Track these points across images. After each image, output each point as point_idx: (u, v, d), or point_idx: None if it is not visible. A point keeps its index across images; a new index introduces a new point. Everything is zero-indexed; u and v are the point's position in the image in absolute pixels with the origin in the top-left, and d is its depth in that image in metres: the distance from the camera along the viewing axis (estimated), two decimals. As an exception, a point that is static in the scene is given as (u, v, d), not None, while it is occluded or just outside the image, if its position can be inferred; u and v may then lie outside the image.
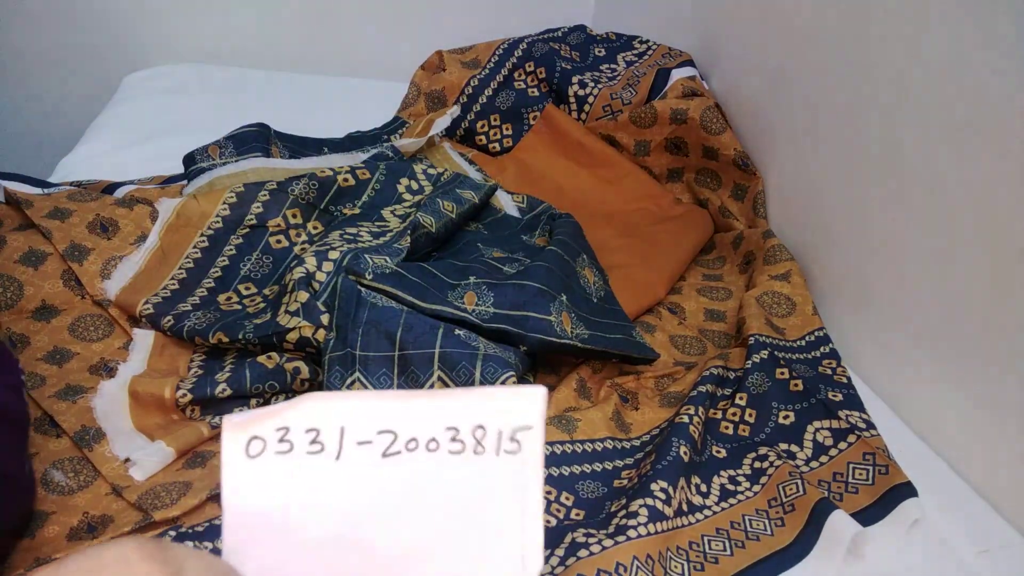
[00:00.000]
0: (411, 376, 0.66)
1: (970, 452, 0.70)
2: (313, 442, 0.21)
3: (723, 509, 0.64)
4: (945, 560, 0.61)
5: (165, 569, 0.16)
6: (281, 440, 0.21)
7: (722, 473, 0.68)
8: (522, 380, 0.69)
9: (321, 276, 0.73)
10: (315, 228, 0.86)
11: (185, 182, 0.93)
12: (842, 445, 0.69)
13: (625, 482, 0.66)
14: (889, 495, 0.64)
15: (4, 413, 0.55)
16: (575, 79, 1.16)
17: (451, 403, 0.22)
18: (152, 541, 0.17)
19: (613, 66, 1.21)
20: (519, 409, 0.23)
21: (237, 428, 0.21)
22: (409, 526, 0.22)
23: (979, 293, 0.68)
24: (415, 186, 0.93)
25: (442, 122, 1.09)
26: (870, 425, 0.71)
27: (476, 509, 0.23)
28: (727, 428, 0.73)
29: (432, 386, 0.66)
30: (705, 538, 0.61)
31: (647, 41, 1.24)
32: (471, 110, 1.19)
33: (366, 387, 0.66)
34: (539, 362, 0.77)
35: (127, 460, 0.61)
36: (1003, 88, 0.64)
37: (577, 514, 0.62)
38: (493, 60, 1.20)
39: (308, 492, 0.21)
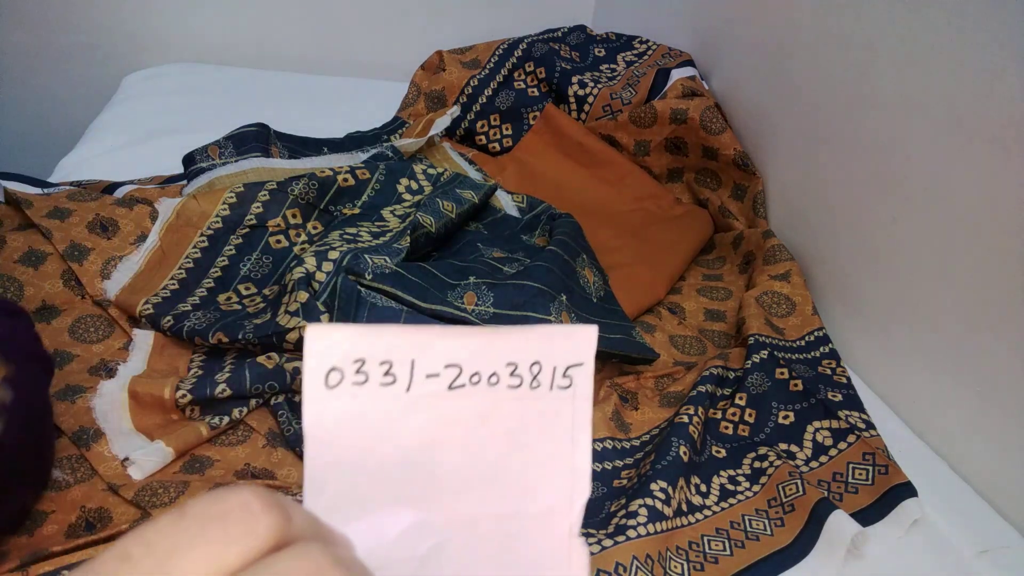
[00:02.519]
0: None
1: (970, 452, 0.70)
2: (386, 374, 0.22)
3: (723, 509, 0.64)
4: (945, 560, 0.61)
5: (283, 513, 0.18)
6: (358, 372, 0.22)
7: (722, 473, 0.68)
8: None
9: (321, 276, 0.73)
10: (315, 228, 0.86)
11: (185, 182, 0.93)
12: (842, 445, 0.69)
13: (625, 482, 0.66)
14: (889, 495, 0.64)
15: (34, 354, 0.56)
16: (575, 79, 1.16)
17: (511, 341, 0.23)
18: (267, 490, 0.18)
19: (613, 66, 1.21)
20: (572, 347, 0.24)
21: (318, 357, 0.22)
22: (472, 454, 0.24)
23: (979, 293, 0.68)
24: (415, 186, 0.93)
25: (442, 122, 1.09)
26: (870, 425, 0.71)
27: (532, 440, 0.24)
28: (727, 428, 0.73)
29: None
30: (705, 538, 0.61)
31: (647, 41, 1.24)
32: (471, 110, 1.19)
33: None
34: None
35: (126, 460, 0.61)
36: (1003, 88, 0.64)
37: (577, 514, 0.62)
38: (493, 60, 1.20)
39: (381, 421, 0.22)
